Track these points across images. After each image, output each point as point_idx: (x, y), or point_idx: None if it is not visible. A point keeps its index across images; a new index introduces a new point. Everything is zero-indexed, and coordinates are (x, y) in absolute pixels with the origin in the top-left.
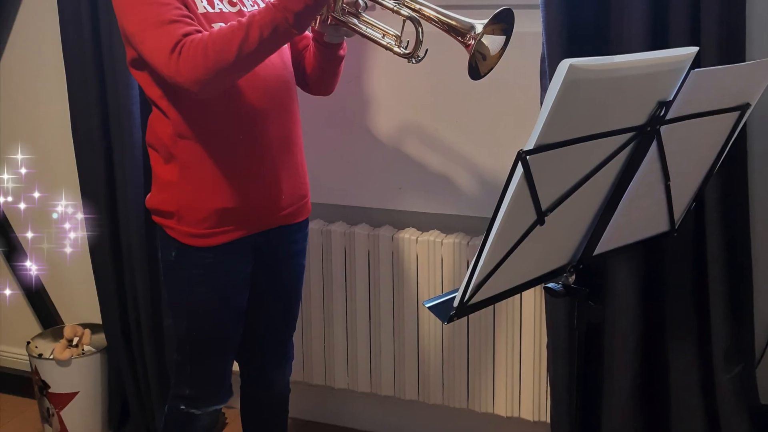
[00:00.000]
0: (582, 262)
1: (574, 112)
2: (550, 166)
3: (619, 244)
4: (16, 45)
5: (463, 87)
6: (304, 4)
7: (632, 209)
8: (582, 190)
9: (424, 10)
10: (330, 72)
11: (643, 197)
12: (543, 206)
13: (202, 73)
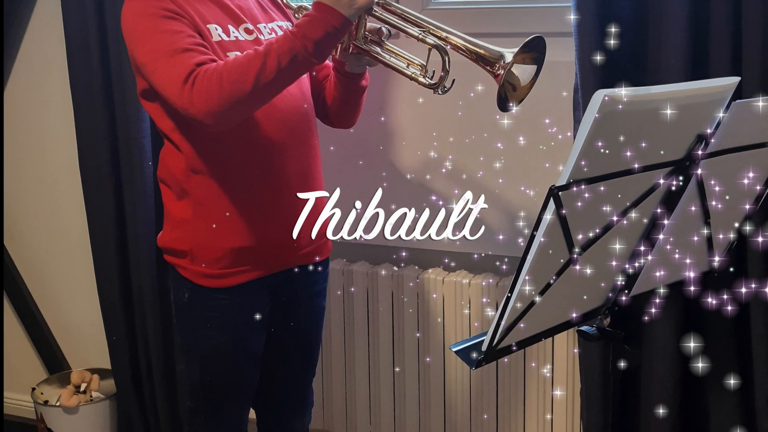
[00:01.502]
0: (617, 304)
1: (608, 145)
2: (583, 202)
3: (656, 284)
4: (20, 75)
5: (492, 119)
6: (324, 31)
7: (670, 248)
8: (617, 228)
9: (451, 38)
10: (351, 103)
11: (681, 235)
12: (576, 245)
13: (216, 105)
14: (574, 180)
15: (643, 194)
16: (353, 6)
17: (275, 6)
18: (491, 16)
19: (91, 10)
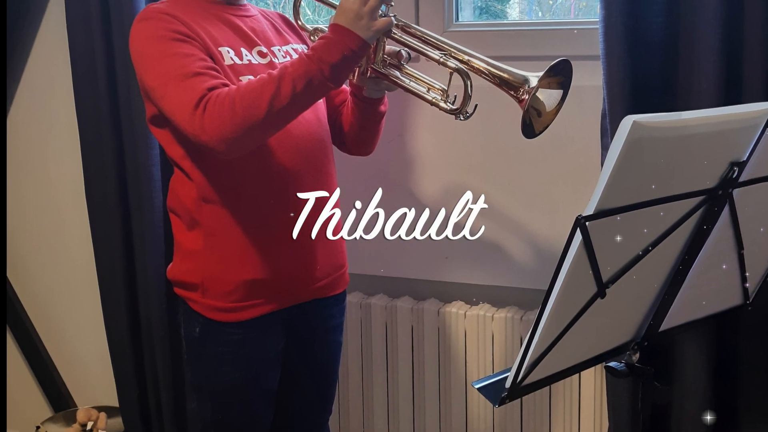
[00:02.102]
0: (647, 338)
1: (638, 173)
2: (611, 233)
3: (687, 319)
4: (24, 99)
5: (516, 146)
6: (341, 54)
7: (702, 280)
8: (647, 260)
9: (474, 61)
10: (370, 130)
11: (714, 267)
12: (604, 277)
13: (229, 131)
14: (602, 210)
15: (673, 224)
16: (371, 28)
17: (290, 28)
18: (515, 39)
19: (98, 33)
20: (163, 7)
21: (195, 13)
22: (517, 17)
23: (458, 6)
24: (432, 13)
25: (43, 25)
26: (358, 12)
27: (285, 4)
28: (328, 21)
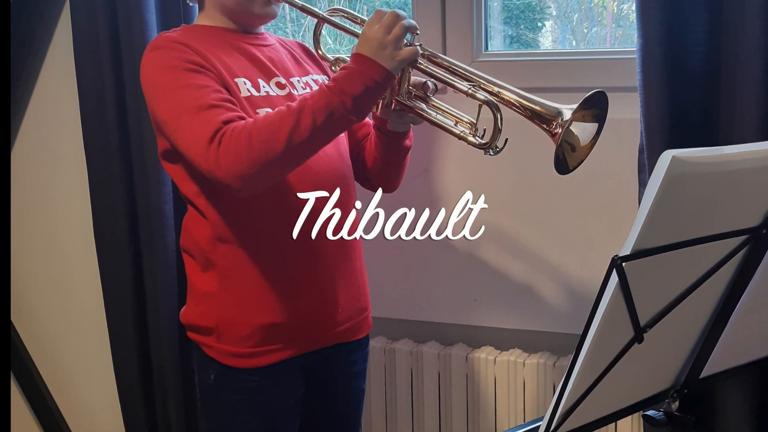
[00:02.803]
0: (687, 385)
1: (677, 211)
2: (649, 274)
3: (730, 365)
4: (30, 133)
5: (549, 183)
6: (364, 86)
7: (745, 324)
8: (687, 303)
9: (504, 93)
10: (394, 165)
11: (757, 310)
12: (642, 321)
13: (245, 167)
14: (640, 249)
15: (715, 265)
16: (396, 58)
17: (310, 58)
18: (548, 70)
19: (107, 63)
20: (176, 35)
21: (210, 42)
22: (549, 46)
23: (488, 35)
24: (460, 42)
25: (49, 54)
26: (381, 41)
27: (305, 33)
28: (350, 50)
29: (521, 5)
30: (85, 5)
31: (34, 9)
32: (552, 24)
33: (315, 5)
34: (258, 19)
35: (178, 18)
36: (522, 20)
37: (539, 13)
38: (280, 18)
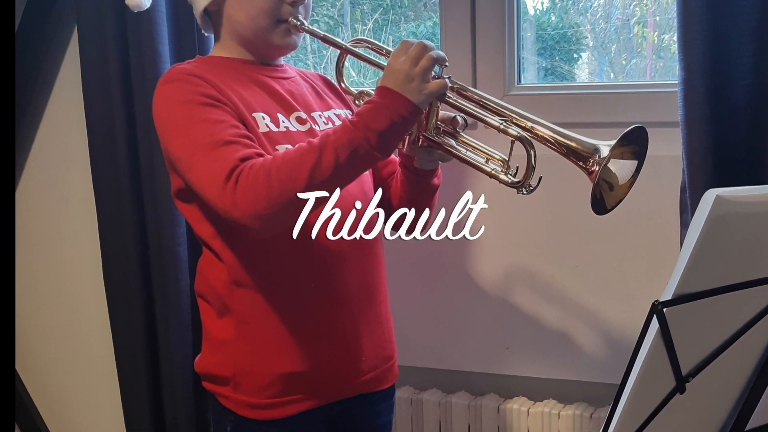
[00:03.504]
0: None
1: (722, 254)
2: (692, 320)
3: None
4: (35, 171)
5: (585, 223)
6: (389, 121)
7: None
8: (731, 350)
9: (538, 128)
10: (421, 205)
11: None
12: (684, 370)
13: (264, 207)
14: (682, 294)
15: (762, 310)
16: (423, 91)
17: (332, 91)
18: (584, 103)
19: (117, 97)
20: (191, 68)
21: (226, 74)
22: (586, 79)
23: (521, 67)
24: (491, 75)
25: (56, 88)
26: (408, 73)
27: (327, 65)
28: (375, 83)
29: (556, 36)
30: (94, 36)
31: (41, 40)
32: (588, 55)
33: (338, 35)
34: (277, 50)
35: (192, 49)
36: (557, 51)
37: (575, 44)
38: (300, 49)
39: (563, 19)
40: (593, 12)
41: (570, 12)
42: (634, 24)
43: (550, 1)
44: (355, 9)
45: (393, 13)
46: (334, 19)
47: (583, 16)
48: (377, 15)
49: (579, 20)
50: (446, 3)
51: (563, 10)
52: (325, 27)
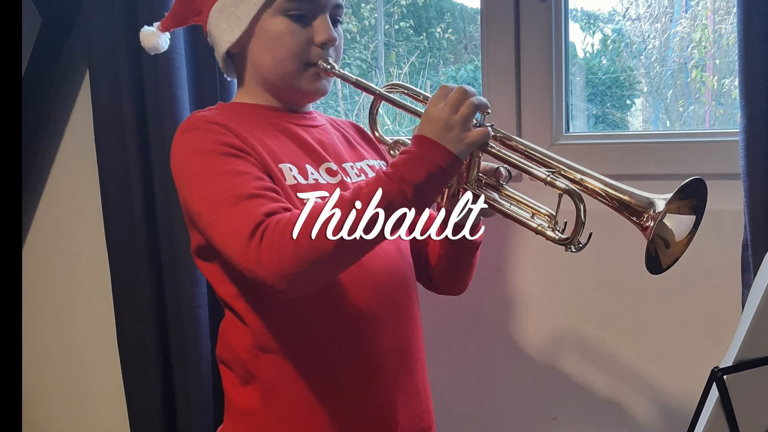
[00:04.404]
0: None
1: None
2: (755, 388)
3: None
4: (43, 228)
5: (639, 283)
6: (427, 172)
7: None
8: None
9: (588, 181)
10: (461, 264)
11: None
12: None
13: (291, 266)
14: (743, 360)
15: None
16: (464, 141)
17: (365, 140)
18: (637, 154)
19: (132, 146)
20: (212, 115)
21: (250, 122)
22: (640, 127)
23: (569, 114)
24: (537, 123)
25: (66, 136)
26: (447, 121)
27: (359, 112)
28: (411, 132)
29: (607, 80)
30: (108, 80)
31: (49, 85)
32: (642, 102)
33: (371, 80)
34: (306, 95)
35: (213, 95)
36: (608, 97)
37: (628, 90)
38: (330, 95)
39: (615, 62)
40: (648, 55)
41: (623, 55)
42: (692, 68)
43: (601, 43)
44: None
45: (431, 56)
46: (367, 63)
47: (636, 59)
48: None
49: (632, 64)
50: (489, 45)
51: (615, 52)
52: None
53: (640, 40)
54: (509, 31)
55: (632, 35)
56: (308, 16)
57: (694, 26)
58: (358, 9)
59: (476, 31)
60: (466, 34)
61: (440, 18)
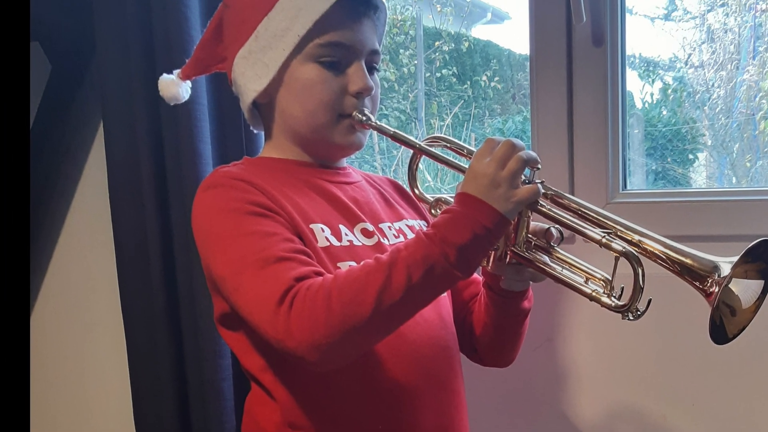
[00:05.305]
0: None
1: None
2: None
3: None
4: (53, 294)
5: (702, 354)
6: (471, 233)
7: None
8: None
9: (647, 242)
10: (509, 333)
11: None
12: None
13: (323, 335)
14: None
15: None
16: (512, 199)
17: (404, 198)
18: (701, 213)
19: (150, 206)
20: (237, 171)
21: (278, 178)
22: (703, 184)
23: (626, 170)
24: (592, 179)
25: (78, 195)
26: (494, 177)
27: (398, 167)
28: (454, 189)
29: (668, 133)
30: (123, 134)
31: (60, 138)
32: (706, 156)
33: (411, 132)
34: (339, 149)
35: (239, 149)
36: (669, 151)
37: (690, 143)
38: (366, 148)
39: (676, 113)
40: (712, 105)
41: (684, 105)
42: (760, 119)
43: (662, 93)
44: (430, 102)
45: (475, 106)
46: (406, 114)
47: (699, 110)
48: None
49: (695, 115)
50: (539, 94)
51: (676, 103)
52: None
53: (703, 89)
54: (561, 79)
55: (695, 84)
56: (342, 63)
57: (763, 74)
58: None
59: (525, 79)
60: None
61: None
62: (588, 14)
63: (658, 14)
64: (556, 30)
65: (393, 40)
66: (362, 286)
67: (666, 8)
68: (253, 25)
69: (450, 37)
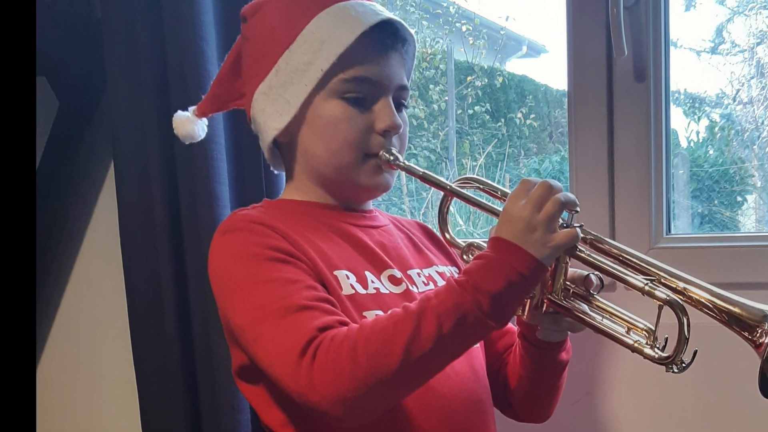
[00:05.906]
0: None
1: None
2: None
3: None
4: (61, 345)
5: (751, 408)
6: (506, 280)
7: None
8: None
9: (692, 290)
10: (546, 386)
11: None
12: None
13: (348, 389)
14: None
15: None
16: (548, 244)
17: (435, 243)
18: (750, 258)
19: (164, 251)
20: (257, 214)
21: (300, 222)
22: (752, 228)
23: (671, 213)
24: (634, 224)
25: (86, 240)
26: (530, 221)
27: (427, 210)
28: (488, 233)
29: (715, 174)
30: (135, 175)
31: (68, 179)
32: (756, 198)
33: (441, 173)
34: (365, 191)
35: (258, 190)
36: (716, 194)
37: (739, 185)
38: (394, 190)
39: (724, 153)
40: (762, 144)
41: (732, 144)
42: None
43: (708, 131)
44: (462, 140)
45: (510, 145)
46: (436, 153)
47: (749, 149)
48: (490, 148)
49: (744, 154)
50: (577, 133)
51: (724, 141)
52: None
53: (753, 126)
54: (601, 116)
55: (744, 121)
56: (368, 99)
57: None
58: (426, 91)
59: (563, 116)
60: (551, 120)
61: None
62: (630, 47)
63: (705, 47)
64: (596, 64)
65: (422, 75)
66: (389, 336)
67: (713, 41)
68: (273, 59)
69: (483, 72)
